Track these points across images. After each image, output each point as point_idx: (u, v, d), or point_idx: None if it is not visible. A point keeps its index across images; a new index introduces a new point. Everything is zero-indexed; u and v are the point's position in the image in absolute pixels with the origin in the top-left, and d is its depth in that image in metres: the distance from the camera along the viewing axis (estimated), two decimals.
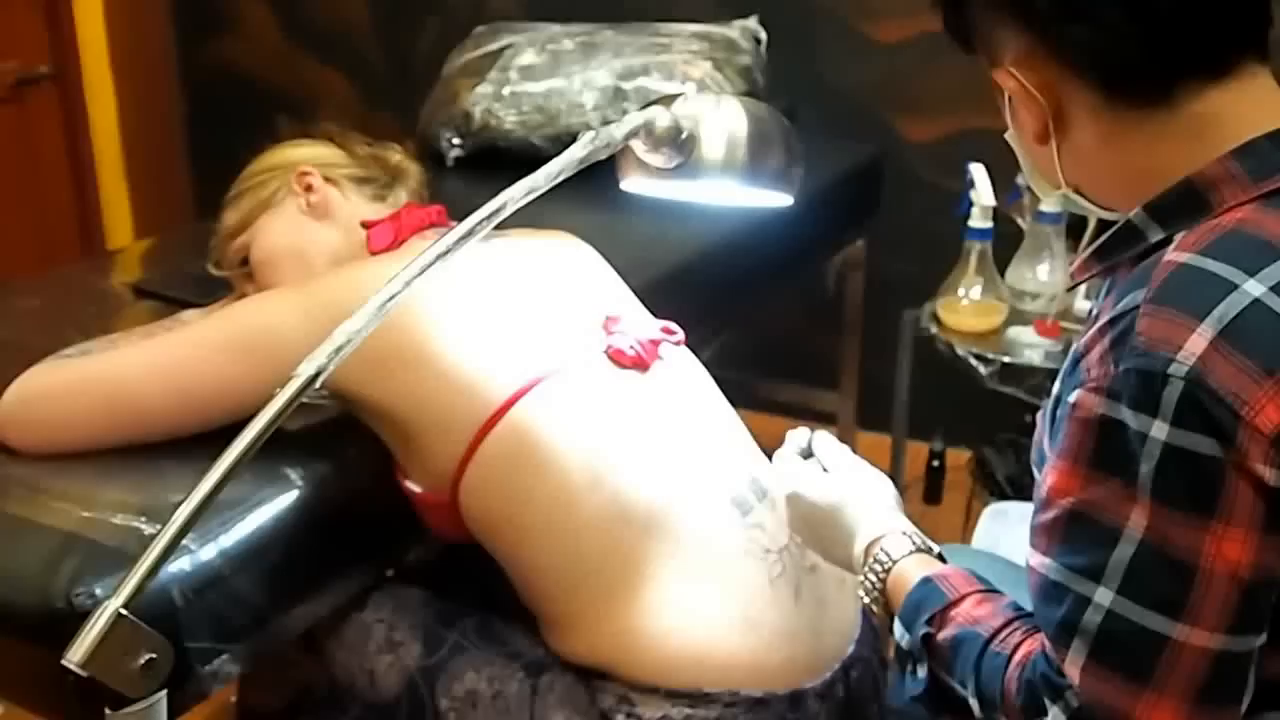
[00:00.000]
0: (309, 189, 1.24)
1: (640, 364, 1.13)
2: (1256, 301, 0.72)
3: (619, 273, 1.27)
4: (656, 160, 0.95)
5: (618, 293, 1.23)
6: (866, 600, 0.93)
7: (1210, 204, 0.78)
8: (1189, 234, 0.78)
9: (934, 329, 1.94)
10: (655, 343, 1.16)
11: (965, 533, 2.12)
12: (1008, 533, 1.97)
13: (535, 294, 1.15)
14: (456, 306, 1.07)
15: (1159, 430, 0.71)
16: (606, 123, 0.97)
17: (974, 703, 0.82)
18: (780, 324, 2.43)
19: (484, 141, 2.03)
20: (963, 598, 0.86)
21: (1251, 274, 0.73)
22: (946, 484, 2.43)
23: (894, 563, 0.92)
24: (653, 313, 1.23)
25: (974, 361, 1.85)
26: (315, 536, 1.07)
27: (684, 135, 0.95)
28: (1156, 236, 0.80)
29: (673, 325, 1.20)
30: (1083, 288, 1.76)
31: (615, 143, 0.91)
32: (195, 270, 1.37)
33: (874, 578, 0.93)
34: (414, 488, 1.10)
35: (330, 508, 1.09)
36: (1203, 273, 0.74)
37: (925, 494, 2.44)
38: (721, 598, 1.06)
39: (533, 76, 2.02)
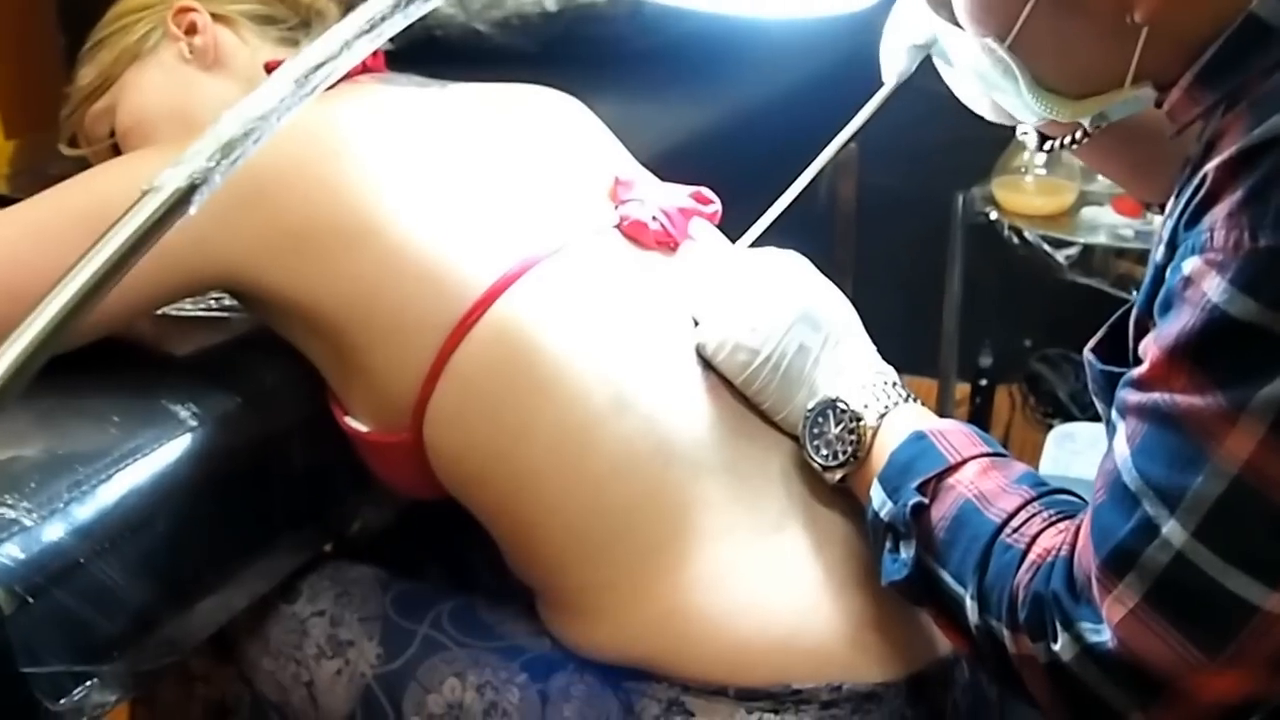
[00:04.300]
0: (192, 30, 1.15)
1: (667, 242, 1.04)
2: None
3: None
4: None
5: (622, 155, 1.15)
6: (826, 462, 0.93)
7: None
8: None
9: (993, 213, 1.92)
10: (686, 213, 1.06)
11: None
12: (1077, 460, 1.98)
13: (519, 153, 1.07)
14: (416, 168, 0.99)
15: None
16: None
17: (971, 605, 0.80)
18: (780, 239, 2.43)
19: (417, 34, 1.91)
20: (965, 461, 0.84)
21: None
22: (992, 412, 2.42)
23: (873, 412, 0.91)
24: None
25: (1048, 249, 1.81)
26: (219, 500, 1.00)
27: None
28: None
29: (707, 191, 1.09)
30: None
31: None
32: (62, 169, 1.29)
33: (841, 430, 0.92)
34: (358, 425, 1.00)
35: (239, 459, 1.02)
36: None
37: (969, 423, 2.38)
38: (806, 557, 0.96)
39: None
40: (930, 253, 2.12)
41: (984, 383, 2.39)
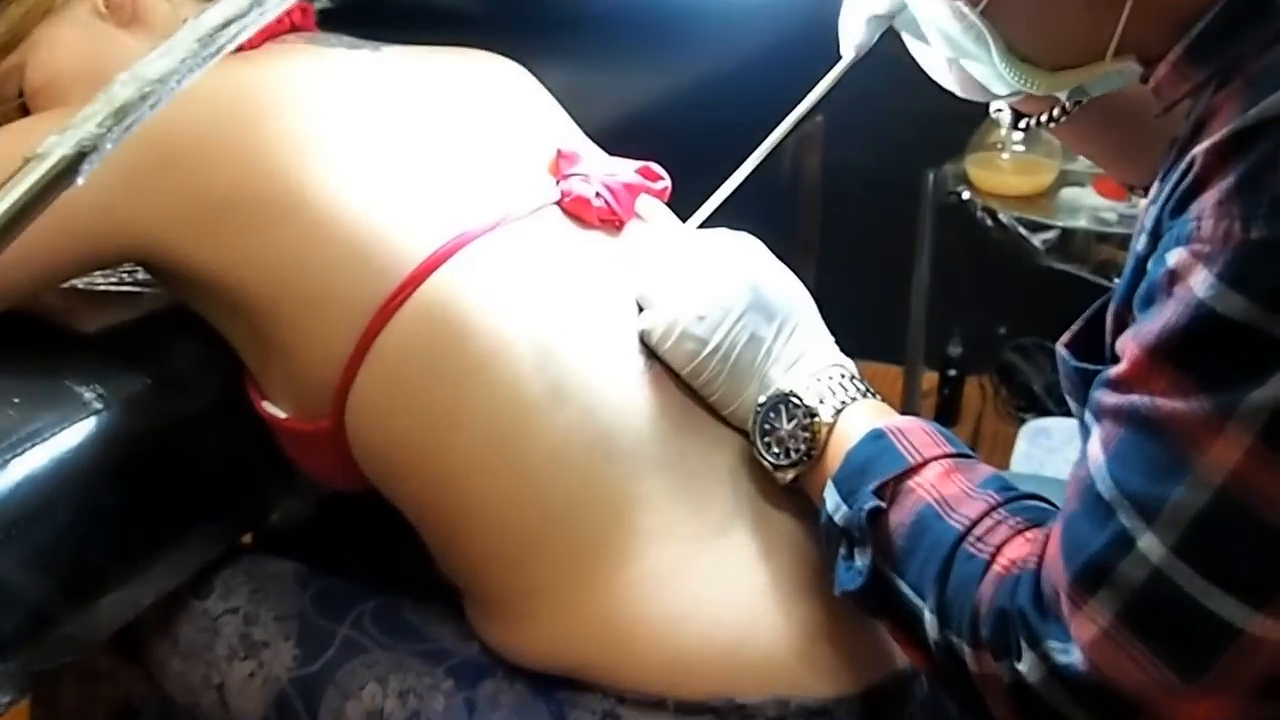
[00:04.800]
0: None
1: (612, 220, 1.03)
2: None
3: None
4: None
5: (566, 126, 1.14)
6: (777, 460, 0.91)
7: None
8: None
9: (965, 193, 1.90)
10: (632, 190, 1.05)
11: (990, 461, 2.27)
12: (1052, 457, 1.99)
13: (455, 121, 1.06)
14: (344, 136, 0.98)
15: None
16: None
17: (930, 619, 0.78)
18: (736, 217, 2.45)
19: None
20: (926, 462, 0.83)
21: None
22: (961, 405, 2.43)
23: (829, 408, 0.89)
24: None
25: (1024, 231, 1.79)
26: (125, 489, 0.99)
27: None
28: None
29: (655, 166, 1.08)
30: None
31: None
32: None
33: (794, 427, 0.90)
34: (276, 411, 1.00)
35: (147, 445, 1.00)
36: None
37: (936, 417, 2.44)
38: (754, 562, 0.95)
39: None
40: (899, 234, 2.12)
41: (953, 373, 2.39)
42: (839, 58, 0.98)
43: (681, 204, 1.09)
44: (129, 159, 0.87)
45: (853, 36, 0.97)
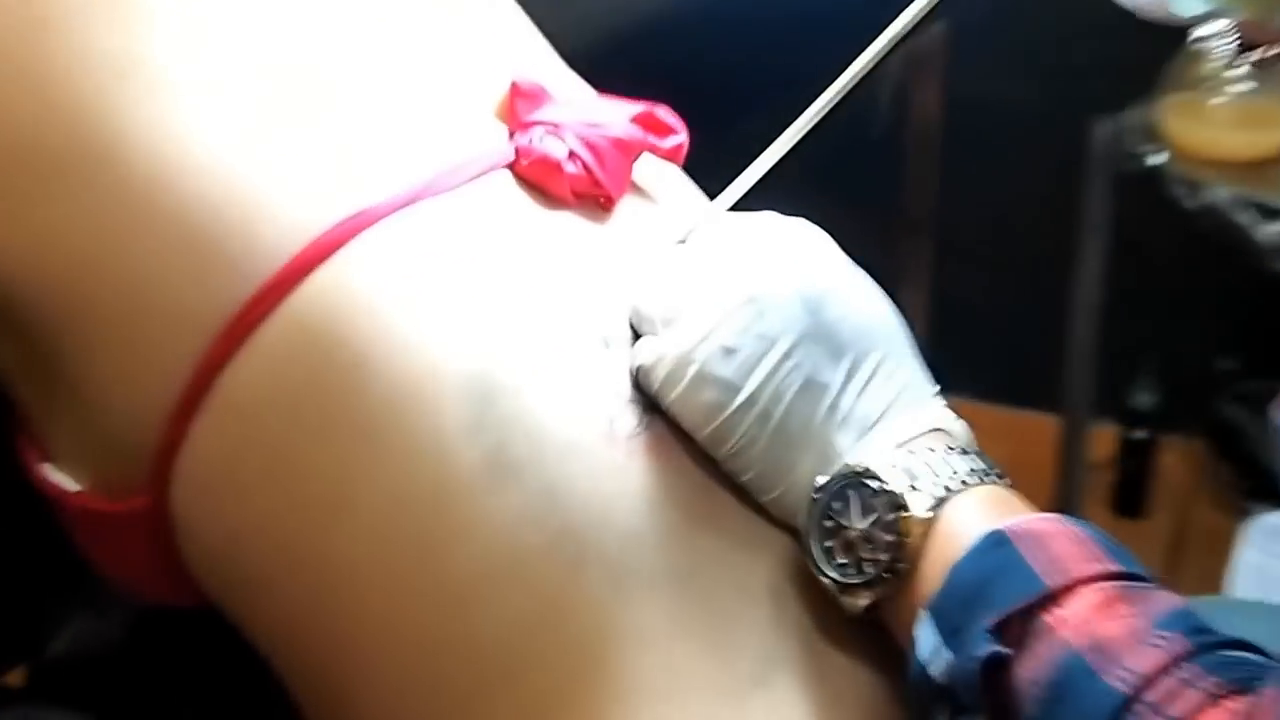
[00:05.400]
0: None
1: (593, 195, 1.04)
2: None
3: None
4: None
5: (531, 47, 1.17)
6: (844, 577, 0.92)
7: None
8: None
9: (1157, 155, 1.90)
10: (626, 148, 1.05)
11: (1197, 567, 2.26)
12: None
13: (356, 40, 1.07)
14: (190, 59, 0.98)
15: None
16: None
17: None
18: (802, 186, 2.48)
19: None
20: (1073, 586, 0.83)
21: None
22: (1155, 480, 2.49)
23: (925, 496, 0.90)
24: None
25: (1247, 217, 1.82)
26: None
27: None
28: None
29: (664, 113, 1.10)
30: None
31: None
32: None
33: (872, 526, 0.91)
34: (64, 481, 0.99)
35: None
36: None
37: (1115, 498, 2.48)
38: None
39: None
40: (1054, 216, 2.14)
41: (1140, 433, 2.43)
42: None
43: (704, 171, 1.09)
44: None
45: None
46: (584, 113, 1.07)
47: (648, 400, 0.98)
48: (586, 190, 1.02)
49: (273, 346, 0.93)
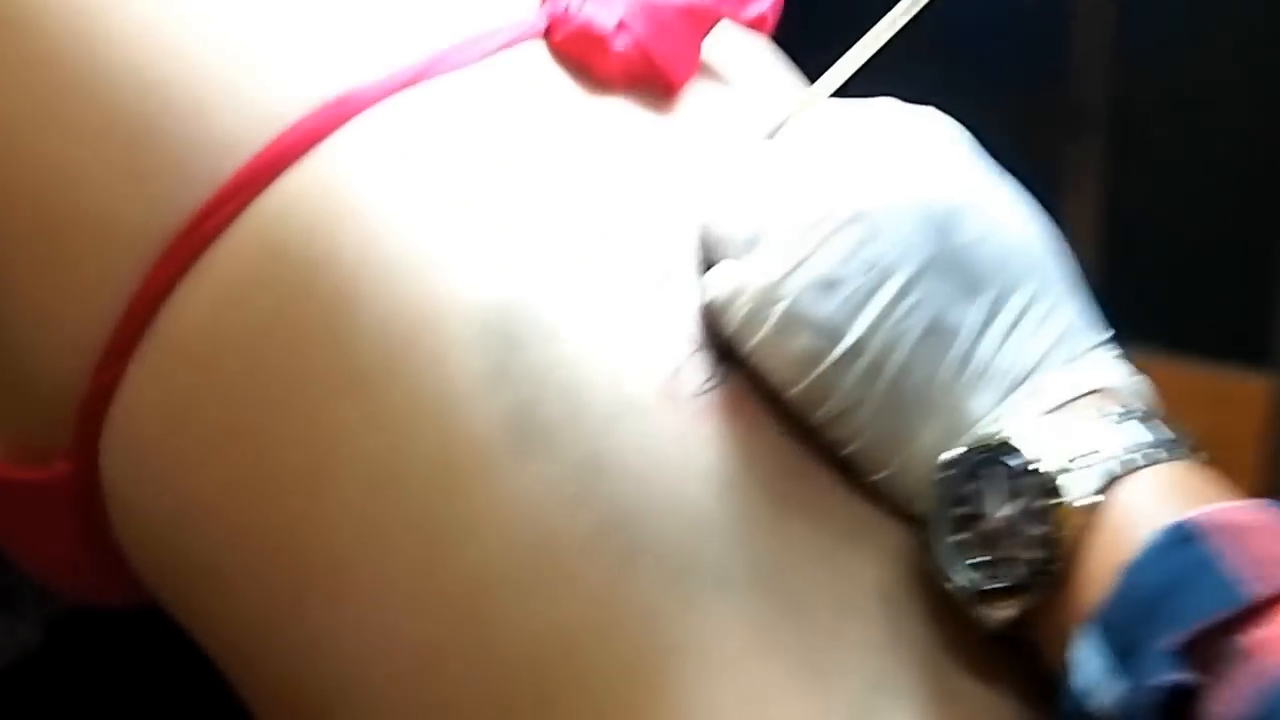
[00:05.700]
0: None
1: (651, 77, 1.03)
2: None
3: None
4: None
5: None
6: (980, 581, 0.92)
7: None
8: None
9: None
10: (696, 18, 1.05)
11: None
12: None
13: None
14: None
15: None
16: None
17: None
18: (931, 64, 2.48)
19: None
20: None
21: None
22: None
23: (1088, 477, 0.89)
24: None
25: None
26: None
27: None
28: None
29: None
30: None
31: None
32: None
33: (1017, 513, 0.91)
34: None
35: None
36: None
37: None
38: None
39: None
40: (1266, 105, 2.11)
41: None
42: None
43: (800, 46, 1.09)
44: None
45: None
46: None
47: (721, 347, 0.97)
48: (642, 71, 1.02)
49: (231, 269, 0.93)
